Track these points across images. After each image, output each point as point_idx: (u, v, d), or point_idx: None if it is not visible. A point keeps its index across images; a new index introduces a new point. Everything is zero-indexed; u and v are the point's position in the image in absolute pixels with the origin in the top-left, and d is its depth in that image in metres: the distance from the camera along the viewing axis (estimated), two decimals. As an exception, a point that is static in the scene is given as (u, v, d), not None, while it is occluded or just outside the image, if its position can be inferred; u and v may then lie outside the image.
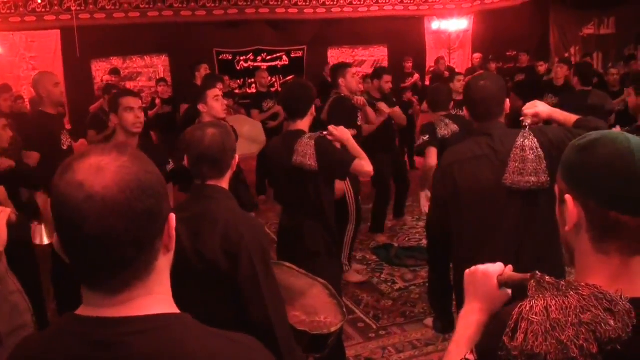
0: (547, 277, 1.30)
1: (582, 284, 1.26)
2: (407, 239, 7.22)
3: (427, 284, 5.72)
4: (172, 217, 1.20)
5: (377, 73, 7.26)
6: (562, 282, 1.28)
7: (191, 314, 1.22)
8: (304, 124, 3.90)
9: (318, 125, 7.22)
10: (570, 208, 1.34)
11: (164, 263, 1.21)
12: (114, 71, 10.58)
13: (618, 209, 1.27)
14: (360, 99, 6.08)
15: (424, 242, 6.90)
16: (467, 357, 1.38)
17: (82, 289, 1.18)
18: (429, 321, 4.81)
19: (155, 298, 1.18)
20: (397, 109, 7.14)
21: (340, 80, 5.99)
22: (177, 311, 1.22)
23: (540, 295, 1.27)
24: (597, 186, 1.29)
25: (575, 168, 1.34)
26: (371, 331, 4.99)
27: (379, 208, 7.28)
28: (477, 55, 13.06)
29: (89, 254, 1.11)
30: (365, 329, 5.03)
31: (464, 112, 3.30)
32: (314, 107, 3.98)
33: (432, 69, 13.06)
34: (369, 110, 6.26)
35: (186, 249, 2.44)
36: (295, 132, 3.85)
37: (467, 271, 1.59)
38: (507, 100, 3.19)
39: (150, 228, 1.14)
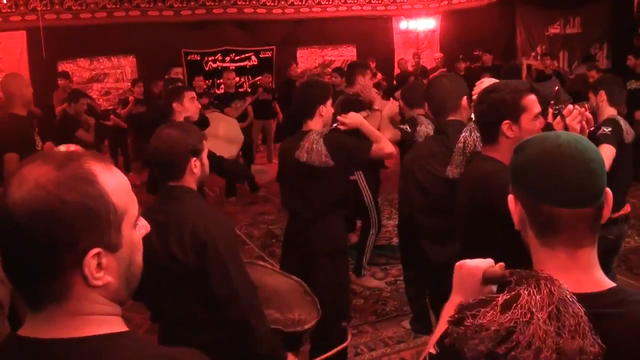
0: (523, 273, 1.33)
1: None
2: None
3: (397, 282, 5.76)
4: (97, 252, 1.09)
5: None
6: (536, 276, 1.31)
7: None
8: (314, 124, 3.75)
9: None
10: (511, 206, 1.43)
11: (93, 294, 1.11)
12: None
13: (549, 202, 1.33)
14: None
15: (395, 240, 6.93)
16: (430, 351, 1.41)
17: None
18: (406, 323, 4.83)
19: (85, 319, 1.11)
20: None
21: (359, 78, 5.71)
22: (119, 330, 1.14)
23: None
24: (528, 183, 1.37)
25: (512, 168, 1.43)
26: (343, 330, 4.98)
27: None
28: (439, 55, 13.33)
29: None
30: (337, 327, 5.02)
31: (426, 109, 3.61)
32: (322, 107, 3.76)
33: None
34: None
35: (157, 251, 2.44)
36: (305, 132, 3.73)
37: (456, 264, 1.59)
38: (465, 97, 3.48)
39: (53, 258, 1.06)
